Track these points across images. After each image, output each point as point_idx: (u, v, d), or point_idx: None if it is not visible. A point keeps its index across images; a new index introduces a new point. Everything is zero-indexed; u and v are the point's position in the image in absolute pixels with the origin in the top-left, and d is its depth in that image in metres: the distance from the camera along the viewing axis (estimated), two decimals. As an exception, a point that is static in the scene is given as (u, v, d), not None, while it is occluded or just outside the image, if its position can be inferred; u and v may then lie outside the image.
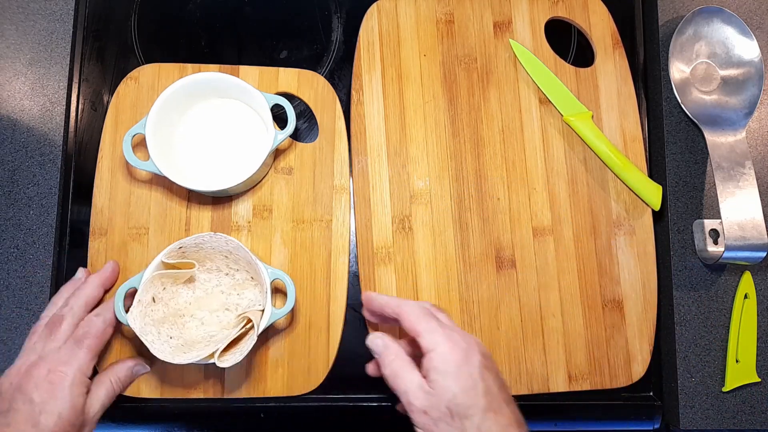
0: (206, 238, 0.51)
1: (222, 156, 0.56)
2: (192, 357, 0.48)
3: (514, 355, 0.54)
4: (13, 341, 0.54)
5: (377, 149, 0.56)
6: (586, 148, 0.57)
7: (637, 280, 0.55)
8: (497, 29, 0.58)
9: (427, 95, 0.57)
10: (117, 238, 0.55)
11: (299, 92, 0.57)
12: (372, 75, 0.57)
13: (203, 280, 0.54)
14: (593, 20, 0.59)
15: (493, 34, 0.58)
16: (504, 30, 0.58)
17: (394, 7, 0.58)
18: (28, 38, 0.58)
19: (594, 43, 0.59)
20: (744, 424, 0.54)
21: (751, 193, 0.53)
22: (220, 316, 0.54)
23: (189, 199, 0.56)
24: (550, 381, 0.54)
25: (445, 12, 0.58)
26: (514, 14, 0.59)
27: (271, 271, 0.51)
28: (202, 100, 0.56)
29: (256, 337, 0.49)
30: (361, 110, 0.57)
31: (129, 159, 0.52)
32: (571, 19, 0.59)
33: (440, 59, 0.58)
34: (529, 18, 0.59)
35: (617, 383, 0.54)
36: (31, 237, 0.56)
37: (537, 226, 0.56)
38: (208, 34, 0.60)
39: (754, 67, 0.58)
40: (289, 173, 0.56)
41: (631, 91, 0.58)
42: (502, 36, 0.58)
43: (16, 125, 0.57)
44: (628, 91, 0.58)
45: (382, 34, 0.58)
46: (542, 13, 0.59)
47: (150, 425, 0.55)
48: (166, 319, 0.52)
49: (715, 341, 0.55)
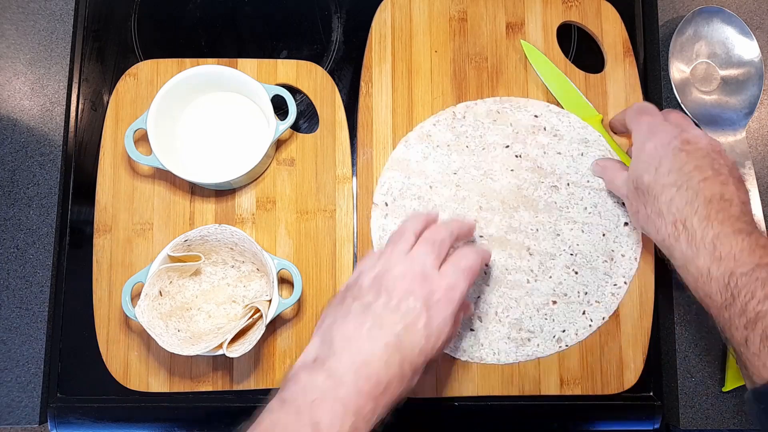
0: (211, 230, 0.51)
1: (224, 149, 0.56)
2: (201, 348, 0.47)
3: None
4: (13, 341, 0.53)
5: (383, 142, 0.57)
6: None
7: (634, 287, 0.55)
8: (509, 30, 0.59)
9: (436, 91, 0.58)
10: (122, 234, 0.55)
11: (298, 83, 0.58)
12: (382, 68, 0.58)
13: (209, 273, 0.54)
14: (605, 27, 0.59)
15: (505, 34, 0.59)
16: (516, 31, 0.59)
17: (408, 1, 0.59)
18: (28, 38, 0.58)
19: (605, 50, 0.59)
20: (744, 424, 0.54)
21: (751, 193, 0.53)
22: (227, 309, 0.54)
23: (192, 193, 0.56)
24: (542, 384, 0.54)
25: (458, 9, 0.59)
26: (528, 16, 0.59)
27: (277, 262, 0.52)
28: (203, 94, 0.57)
29: (264, 326, 0.49)
30: (369, 102, 0.57)
31: (131, 154, 0.53)
32: (584, 25, 0.60)
33: (451, 56, 0.58)
34: (542, 21, 0.59)
35: (609, 389, 0.54)
36: (31, 237, 0.55)
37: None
38: (208, 34, 0.61)
39: (754, 67, 0.58)
40: (291, 164, 0.57)
41: (640, 99, 0.58)
42: (514, 37, 0.59)
43: (16, 125, 0.57)
44: (636, 100, 0.58)
45: (395, 27, 0.58)
46: (555, 16, 0.59)
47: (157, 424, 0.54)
48: (174, 313, 0.51)
49: (715, 341, 0.55)
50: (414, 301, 0.42)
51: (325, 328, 0.42)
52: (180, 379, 0.53)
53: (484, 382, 0.54)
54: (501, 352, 0.54)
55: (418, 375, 0.42)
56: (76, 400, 0.54)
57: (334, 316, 0.42)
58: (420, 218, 0.48)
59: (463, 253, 0.46)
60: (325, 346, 0.41)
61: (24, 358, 0.53)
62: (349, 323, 0.41)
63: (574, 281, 0.55)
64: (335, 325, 0.42)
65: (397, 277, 0.43)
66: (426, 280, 0.43)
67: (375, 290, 0.43)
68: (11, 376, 0.53)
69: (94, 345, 0.53)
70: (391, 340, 0.40)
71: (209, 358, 0.53)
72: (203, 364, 0.53)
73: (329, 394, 0.38)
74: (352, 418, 0.38)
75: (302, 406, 0.38)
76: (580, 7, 0.60)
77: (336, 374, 0.39)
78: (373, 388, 0.39)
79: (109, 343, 0.53)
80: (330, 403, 0.38)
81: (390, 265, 0.44)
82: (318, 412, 0.37)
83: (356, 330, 0.41)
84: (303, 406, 0.38)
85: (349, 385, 0.38)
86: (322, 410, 0.37)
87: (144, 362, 0.53)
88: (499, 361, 0.54)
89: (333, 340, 0.41)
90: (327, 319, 0.43)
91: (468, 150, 0.56)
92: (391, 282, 0.43)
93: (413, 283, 0.43)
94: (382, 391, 0.39)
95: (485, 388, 0.54)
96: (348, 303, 0.43)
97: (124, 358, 0.53)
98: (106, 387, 0.53)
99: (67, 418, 0.53)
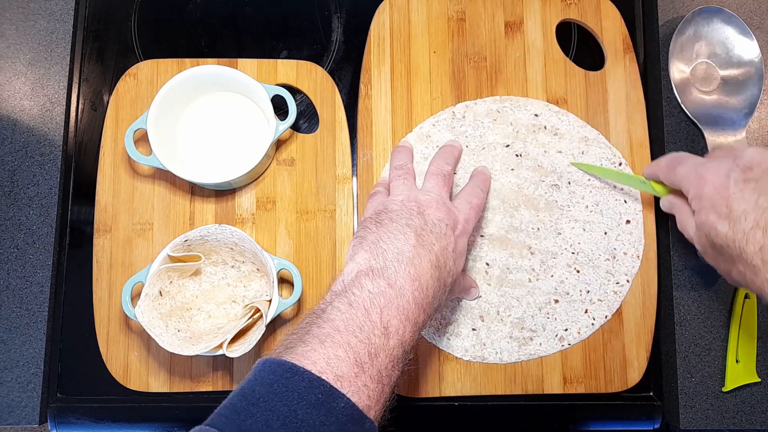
0: (211, 230, 0.51)
1: (224, 149, 0.56)
2: (201, 348, 0.47)
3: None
4: (13, 341, 0.53)
5: (383, 143, 0.57)
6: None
7: (637, 285, 0.55)
8: (508, 29, 0.59)
9: (435, 92, 0.58)
10: (122, 234, 0.55)
11: (298, 83, 0.58)
12: (381, 69, 0.58)
13: (209, 273, 0.54)
14: (605, 24, 0.59)
15: (504, 33, 0.59)
16: (515, 30, 0.59)
17: (407, 2, 0.59)
18: (28, 38, 0.58)
19: (605, 47, 0.59)
20: (744, 424, 0.54)
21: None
22: (227, 309, 0.53)
23: (192, 193, 0.56)
24: (545, 383, 0.54)
25: (456, 10, 0.59)
26: (526, 15, 0.59)
27: (277, 262, 0.52)
28: (203, 94, 0.57)
29: (264, 326, 0.48)
30: (368, 104, 0.57)
31: (131, 154, 0.53)
32: (583, 22, 0.59)
33: (450, 57, 0.58)
34: (541, 19, 0.59)
35: (612, 388, 0.54)
36: (31, 237, 0.55)
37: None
38: (208, 34, 0.61)
39: (754, 67, 0.58)
40: (291, 164, 0.57)
41: (640, 97, 0.58)
42: (513, 36, 0.59)
43: (16, 125, 0.57)
44: (636, 97, 0.58)
45: (393, 29, 0.58)
46: (554, 14, 0.59)
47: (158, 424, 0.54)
48: (174, 313, 0.51)
49: (715, 341, 0.55)
50: (445, 227, 0.45)
51: (372, 243, 0.43)
52: (180, 379, 0.53)
53: (487, 381, 0.54)
54: (503, 352, 0.54)
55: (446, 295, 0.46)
56: (76, 400, 0.54)
57: (377, 235, 0.44)
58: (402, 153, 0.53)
59: (473, 191, 0.51)
60: (379, 259, 0.42)
61: (24, 358, 0.53)
62: (397, 240, 0.43)
63: (576, 280, 0.55)
64: (382, 241, 0.43)
65: (425, 204, 0.46)
66: (449, 210, 0.47)
67: (410, 212, 0.45)
68: (11, 376, 0.53)
69: (94, 345, 0.53)
70: (433, 259, 0.43)
71: (209, 358, 0.53)
72: (203, 364, 0.53)
73: (393, 302, 0.40)
74: (411, 326, 0.40)
75: (371, 309, 0.39)
76: (580, 4, 0.60)
77: (396, 283, 0.41)
78: (425, 299, 0.42)
79: (109, 343, 0.53)
80: (395, 310, 0.40)
81: (413, 194, 0.47)
82: (386, 315, 0.39)
83: (405, 245, 0.43)
84: (372, 310, 0.39)
85: (408, 296, 0.41)
86: (389, 314, 0.39)
87: (144, 362, 0.53)
88: (502, 360, 0.54)
89: (386, 253, 0.42)
90: (369, 236, 0.44)
91: (468, 150, 0.56)
92: (422, 207, 0.45)
93: (440, 211, 0.46)
94: (429, 303, 0.42)
95: (487, 388, 0.54)
96: (386, 223, 0.45)
97: (124, 358, 0.53)
98: (106, 387, 0.53)
99: (67, 418, 0.53)
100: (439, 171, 0.50)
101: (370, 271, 0.41)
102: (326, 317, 0.39)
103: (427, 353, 0.54)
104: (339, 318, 0.38)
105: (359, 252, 0.43)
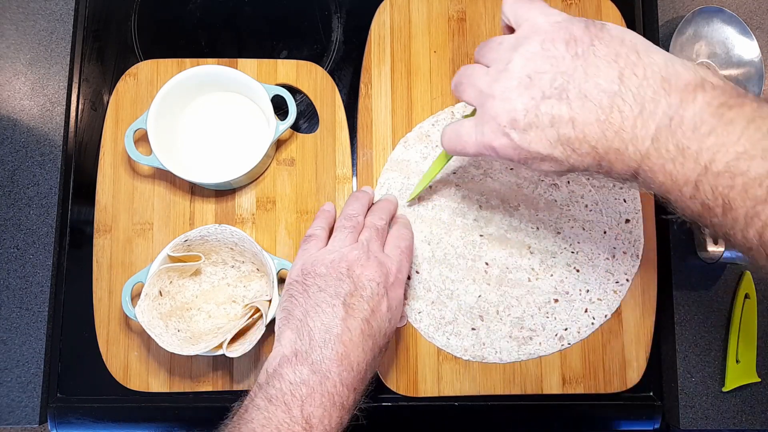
0: (211, 230, 0.51)
1: (224, 149, 0.56)
2: (201, 348, 0.47)
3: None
4: (13, 341, 0.53)
5: (383, 143, 0.57)
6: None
7: (636, 285, 0.55)
8: (509, 29, 0.59)
9: (435, 92, 0.58)
10: (122, 234, 0.55)
11: (298, 83, 0.58)
12: (381, 69, 0.58)
13: (209, 273, 0.54)
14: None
15: (504, 33, 0.59)
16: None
17: (407, 2, 0.59)
18: (28, 38, 0.58)
19: None
20: (744, 424, 0.54)
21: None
22: (227, 309, 0.53)
23: (192, 193, 0.56)
24: (543, 383, 0.54)
25: (457, 9, 0.59)
26: None
27: (277, 262, 0.52)
28: (203, 94, 0.57)
29: (264, 326, 0.49)
30: (368, 103, 0.57)
31: (131, 154, 0.53)
32: None
33: (450, 56, 0.58)
34: None
35: (612, 388, 0.54)
36: (31, 237, 0.55)
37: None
38: (208, 34, 0.61)
39: (754, 67, 0.58)
40: (291, 164, 0.57)
41: None
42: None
43: (16, 125, 0.57)
44: None
45: (394, 28, 0.59)
46: None
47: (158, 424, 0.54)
48: (174, 313, 0.51)
49: (715, 341, 0.55)
50: (377, 286, 0.44)
51: (299, 320, 0.42)
52: (180, 379, 0.53)
53: (486, 381, 0.54)
54: (502, 351, 0.54)
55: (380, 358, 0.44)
56: (76, 400, 0.54)
57: (304, 308, 0.43)
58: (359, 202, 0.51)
59: (400, 234, 0.50)
60: (304, 340, 0.41)
61: (24, 358, 0.53)
62: (325, 315, 0.42)
63: (576, 279, 0.55)
64: (309, 317, 0.42)
65: (355, 262, 0.44)
66: (380, 264, 0.45)
67: (339, 276, 0.43)
68: (11, 376, 0.53)
69: (94, 345, 0.53)
70: (364, 327, 0.42)
71: (209, 358, 0.53)
72: (203, 364, 0.53)
73: (317, 390, 0.39)
74: (338, 410, 0.39)
75: (291, 403, 0.38)
76: (580, 4, 0.60)
77: (321, 368, 0.40)
78: (354, 378, 0.40)
79: (109, 343, 0.53)
80: (318, 397, 0.38)
81: (344, 251, 0.45)
82: (308, 407, 0.38)
83: (333, 320, 0.41)
84: (292, 403, 0.38)
85: (335, 378, 0.39)
86: (311, 405, 0.38)
87: (144, 362, 0.53)
88: (501, 360, 0.54)
89: (312, 332, 0.41)
90: (295, 311, 0.43)
91: None
92: (352, 268, 0.44)
93: (370, 269, 0.44)
94: (360, 380, 0.41)
95: (487, 387, 0.54)
96: (314, 293, 0.43)
97: (124, 358, 0.53)
98: (106, 387, 0.53)
99: (67, 418, 0.53)
100: (376, 225, 0.49)
101: (294, 356, 0.40)
102: (247, 418, 0.38)
103: (426, 353, 0.54)
104: (258, 419, 0.38)
105: (285, 332, 0.43)
